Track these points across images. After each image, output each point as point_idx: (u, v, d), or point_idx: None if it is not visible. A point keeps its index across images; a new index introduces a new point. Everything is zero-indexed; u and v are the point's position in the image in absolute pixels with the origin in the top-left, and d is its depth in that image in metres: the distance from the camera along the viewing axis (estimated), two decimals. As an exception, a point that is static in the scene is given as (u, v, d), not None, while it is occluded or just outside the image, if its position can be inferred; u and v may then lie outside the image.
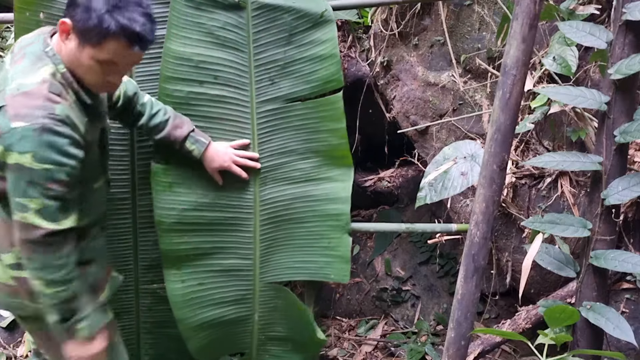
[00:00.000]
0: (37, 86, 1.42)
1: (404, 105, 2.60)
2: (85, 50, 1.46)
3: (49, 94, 1.42)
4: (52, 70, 1.47)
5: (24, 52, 1.50)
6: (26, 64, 1.47)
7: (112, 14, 1.41)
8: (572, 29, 1.68)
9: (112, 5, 1.42)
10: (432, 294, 3.05)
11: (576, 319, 1.43)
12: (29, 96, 1.40)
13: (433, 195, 2.04)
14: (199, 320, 2.15)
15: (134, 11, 1.44)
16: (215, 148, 1.97)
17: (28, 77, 1.44)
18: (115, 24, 1.42)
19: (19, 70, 1.46)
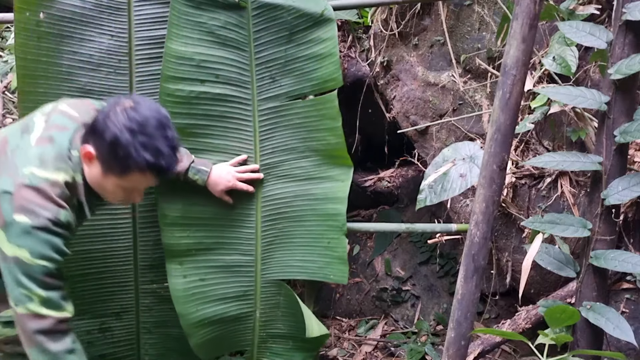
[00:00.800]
0: (48, 186, 1.44)
1: (404, 105, 2.60)
2: (109, 179, 1.51)
3: (57, 199, 1.45)
4: (69, 178, 1.49)
5: (51, 136, 1.50)
6: (49, 155, 1.48)
7: (138, 150, 1.44)
8: (572, 29, 1.68)
9: (140, 143, 1.44)
10: (432, 294, 3.05)
11: (577, 319, 1.43)
12: (38, 194, 1.42)
13: (433, 197, 2.04)
14: (200, 316, 2.15)
15: (161, 144, 1.47)
16: (217, 172, 2.00)
17: (44, 172, 1.45)
18: (142, 160, 1.45)
19: (39, 157, 1.47)
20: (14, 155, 1.48)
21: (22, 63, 1.94)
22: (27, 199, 1.41)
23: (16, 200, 1.41)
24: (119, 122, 1.44)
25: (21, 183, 1.43)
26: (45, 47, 1.96)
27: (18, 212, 1.40)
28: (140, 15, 2.05)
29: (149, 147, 1.45)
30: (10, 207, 1.41)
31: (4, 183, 1.43)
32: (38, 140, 1.50)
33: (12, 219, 1.40)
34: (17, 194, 1.41)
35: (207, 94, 2.05)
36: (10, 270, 1.44)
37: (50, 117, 1.56)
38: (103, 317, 2.18)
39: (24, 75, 1.96)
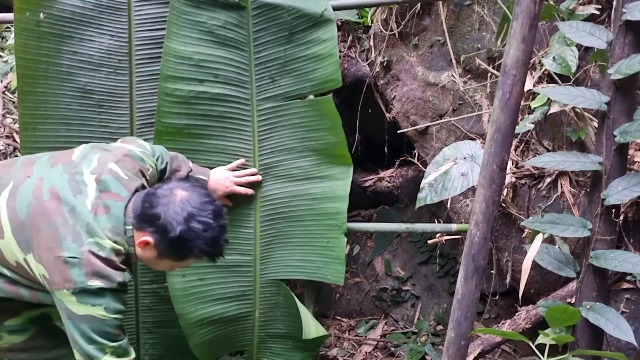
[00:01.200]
0: (112, 255, 1.52)
1: (404, 105, 2.60)
2: (164, 260, 1.62)
3: (122, 266, 1.54)
4: (123, 249, 1.56)
5: (107, 205, 1.55)
6: (106, 226, 1.53)
7: (198, 243, 1.54)
8: (572, 29, 1.68)
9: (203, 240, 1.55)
10: (432, 294, 3.05)
11: (577, 320, 1.43)
12: (106, 262, 1.50)
13: (433, 196, 2.04)
14: (199, 315, 2.15)
15: (218, 235, 1.58)
16: (215, 178, 2.01)
17: (104, 241, 1.51)
18: (202, 251, 1.57)
19: (100, 227, 1.52)
20: (74, 219, 1.51)
21: (22, 63, 1.94)
22: (99, 266, 1.48)
23: (86, 267, 1.47)
24: (178, 216, 1.52)
25: (89, 251, 1.48)
26: (45, 47, 1.96)
27: (91, 278, 1.47)
28: (140, 15, 2.05)
29: (209, 242, 1.56)
30: (81, 272, 1.47)
31: (71, 249, 1.47)
32: (94, 208, 1.53)
33: (86, 283, 1.47)
34: (86, 260, 1.47)
35: (206, 94, 2.04)
36: (78, 328, 1.50)
37: (101, 179, 1.57)
38: (103, 317, 2.18)
39: (24, 75, 1.96)
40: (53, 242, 1.47)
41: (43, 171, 1.59)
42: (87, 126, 2.07)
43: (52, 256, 1.47)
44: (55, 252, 1.47)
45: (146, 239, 1.55)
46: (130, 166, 1.65)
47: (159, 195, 1.55)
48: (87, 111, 2.05)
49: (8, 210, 1.52)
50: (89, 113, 2.05)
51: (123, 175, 1.60)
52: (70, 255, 1.46)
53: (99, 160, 1.61)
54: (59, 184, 1.54)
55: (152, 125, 2.07)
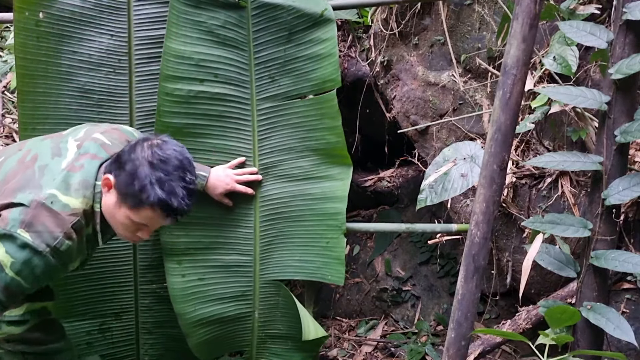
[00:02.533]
0: (66, 214, 1.47)
1: (404, 105, 2.60)
2: (122, 209, 1.54)
3: (69, 229, 1.47)
4: (88, 207, 1.52)
5: (82, 164, 1.54)
6: (75, 180, 1.50)
7: (154, 185, 1.49)
8: (572, 29, 1.68)
9: (156, 178, 1.49)
10: (432, 294, 3.05)
11: (577, 320, 1.43)
12: (53, 219, 1.45)
13: (433, 197, 2.04)
14: (198, 315, 2.15)
15: (177, 185, 1.51)
16: (215, 176, 2.01)
17: (66, 197, 1.47)
18: (154, 196, 1.49)
19: (64, 181, 1.49)
20: (42, 173, 1.51)
21: (22, 63, 1.94)
22: (40, 219, 1.44)
23: (27, 216, 1.43)
24: (142, 155, 1.50)
25: (38, 202, 1.45)
26: (45, 47, 1.95)
27: (23, 227, 1.43)
28: (139, 14, 2.05)
29: (164, 185, 1.50)
30: (18, 217, 1.43)
31: (25, 197, 1.46)
32: (68, 166, 1.53)
33: (15, 229, 1.42)
34: (32, 210, 1.44)
35: (206, 94, 2.04)
36: None
37: (84, 143, 1.59)
38: (103, 318, 2.18)
39: (23, 75, 1.96)
40: (11, 192, 1.47)
41: (33, 144, 1.63)
42: (87, 126, 2.06)
43: (4, 202, 1.46)
44: (8, 199, 1.46)
45: (107, 177, 1.53)
46: (117, 135, 1.67)
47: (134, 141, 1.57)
48: (86, 111, 2.05)
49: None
50: (89, 113, 2.05)
51: (107, 141, 1.62)
52: (19, 201, 1.45)
53: (86, 132, 1.64)
54: (40, 148, 1.58)
55: (152, 125, 2.07)
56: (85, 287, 2.13)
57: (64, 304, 2.11)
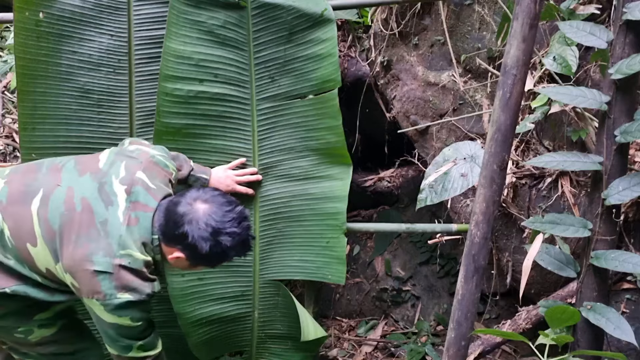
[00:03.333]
0: (142, 267, 1.55)
1: (404, 105, 2.60)
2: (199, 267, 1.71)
3: (152, 277, 1.59)
4: (151, 258, 1.60)
5: (138, 216, 1.57)
6: (136, 236, 1.56)
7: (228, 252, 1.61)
8: (572, 29, 1.68)
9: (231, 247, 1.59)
10: (432, 294, 3.05)
11: (577, 320, 1.43)
12: (137, 275, 1.54)
13: (433, 196, 2.04)
14: (198, 315, 2.15)
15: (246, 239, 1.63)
16: (216, 177, 2.02)
17: (136, 253, 1.54)
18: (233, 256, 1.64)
19: (131, 239, 1.55)
20: (106, 232, 1.53)
21: (22, 63, 1.94)
22: (129, 279, 1.52)
23: (117, 281, 1.51)
24: (204, 233, 1.56)
25: (119, 265, 1.51)
26: (45, 47, 1.95)
27: (122, 291, 1.51)
28: (139, 15, 2.05)
29: (238, 247, 1.61)
30: (111, 285, 1.50)
31: (102, 263, 1.51)
32: (126, 219, 1.56)
33: (117, 296, 1.51)
34: (117, 274, 1.51)
35: (206, 94, 2.04)
36: (106, 331, 1.59)
37: (132, 190, 1.59)
38: (102, 317, 2.18)
39: (23, 75, 1.96)
40: (84, 256, 1.51)
41: (72, 180, 1.61)
42: (87, 126, 2.06)
43: (82, 268, 1.51)
44: (85, 266, 1.50)
45: (178, 255, 1.60)
46: (156, 174, 1.68)
47: (181, 214, 1.58)
48: (86, 111, 2.05)
49: (40, 219, 1.55)
50: (89, 113, 2.05)
51: (151, 184, 1.63)
52: (101, 269, 1.50)
53: (127, 169, 1.63)
54: (90, 195, 1.57)
55: (151, 125, 2.07)
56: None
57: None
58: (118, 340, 1.60)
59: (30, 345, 1.71)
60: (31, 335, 1.68)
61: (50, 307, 1.69)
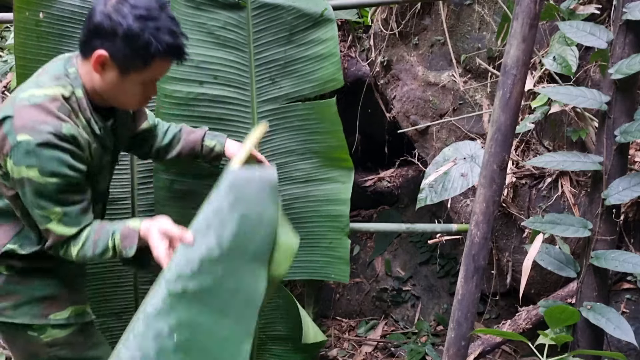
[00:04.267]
0: (47, 101, 1.40)
1: (404, 105, 2.60)
2: (130, 77, 1.46)
3: (57, 113, 1.40)
4: (67, 92, 1.45)
5: (46, 69, 1.50)
6: (43, 79, 1.45)
7: (155, 35, 1.40)
8: (572, 29, 1.68)
9: (154, 27, 1.40)
10: (433, 294, 3.05)
11: (576, 319, 1.43)
12: (37, 109, 1.38)
13: (433, 196, 2.04)
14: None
15: (171, 24, 1.43)
16: (232, 142, 1.90)
17: (41, 90, 1.42)
18: (162, 43, 1.41)
19: (34, 82, 1.45)
20: (11, 98, 1.45)
21: (22, 63, 1.94)
22: (27, 117, 1.37)
23: (17, 121, 1.37)
24: (124, 14, 1.39)
25: (21, 104, 1.39)
26: (45, 47, 1.95)
27: (20, 132, 1.35)
28: (139, 15, 2.04)
29: (163, 30, 1.41)
30: (12, 129, 1.36)
31: (5, 110, 1.40)
32: (32, 77, 1.48)
33: (16, 140, 1.35)
34: (17, 115, 1.38)
35: (206, 96, 2.04)
36: (25, 194, 1.41)
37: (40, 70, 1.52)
38: (103, 317, 2.18)
39: (23, 75, 1.95)
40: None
41: None
42: (87, 126, 2.06)
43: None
44: None
45: (98, 54, 1.41)
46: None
47: (94, 6, 1.43)
48: (86, 111, 2.04)
49: None
50: (89, 113, 2.05)
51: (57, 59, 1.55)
52: (5, 114, 1.39)
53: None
54: None
55: (151, 126, 2.07)
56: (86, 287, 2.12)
57: (64, 304, 2.11)
58: (35, 204, 1.40)
59: (41, 347, 1.64)
60: (44, 334, 1.62)
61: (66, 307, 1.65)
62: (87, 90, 1.49)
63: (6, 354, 2.73)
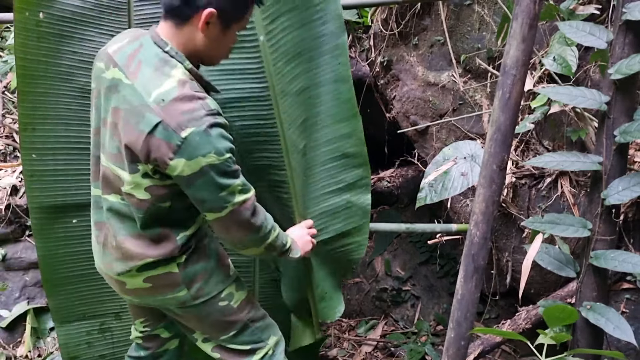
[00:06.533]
0: (179, 90, 1.39)
1: (404, 105, 2.60)
2: (231, 29, 1.49)
3: (195, 93, 1.40)
4: (182, 70, 1.44)
5: (138, 60, 1.45)
6: (150, 72, 1.42)
7: None
8: (572, 29, 1.68)
9: None
10: (432, 294, 3.05)
11: (575, 319, 1.43)
12: (179, 102, 1.37)
13: (433, 195, 2.04)
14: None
15: None
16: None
17: (164, 84, 1.39)
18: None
19: (147, 80, 1.41)
20: (129, 102, 1.42)
21: (22, 63, 1.94)
22: (177, 113, 1.36)
23: (170, 123, 1.36)
24: None
25: (159, 107, 1.37)
26: (45, 47, 1.95)
27: (180, 130, 1.35)
28: (140, 15, 2.05)
29: None
30: (170, 131, 1.35)
31: (149, 121, 1.37)
32: (132, 76, 1.43)
33: (181, 138, 1.35)
34: (165, 117, 1.36)
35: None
36: (205, 182, 1.41)
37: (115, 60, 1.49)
38: (103, 317, 2.18)
39: (23, 75, 1.96)
40: (134, 134, 1.39)
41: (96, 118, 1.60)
42: (87, 126, 2.05)
43: (141, 143, 1.38)
44: (141, 139, 1.38)
45: (208, 12, 1.41)
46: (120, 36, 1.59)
47: None
48: (86, 111, 2.04)
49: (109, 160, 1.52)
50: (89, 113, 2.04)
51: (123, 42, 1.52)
52: (154, 123, 1.37)
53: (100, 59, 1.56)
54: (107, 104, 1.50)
55: (151, 125, 2.07)
56: (85, 287, 2.13)
57: (64, 304, 2.11)
58: (218, 187, 1.41)
59: (235, 313, 1.67)
60: (233, 299, 1.66)
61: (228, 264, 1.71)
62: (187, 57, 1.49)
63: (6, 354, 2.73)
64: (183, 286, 1.59)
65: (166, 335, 1.88)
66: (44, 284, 2.08)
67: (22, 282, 2.88)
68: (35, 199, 2.00)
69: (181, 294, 1.60)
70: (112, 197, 1.55)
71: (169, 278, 1.58)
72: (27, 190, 2.01)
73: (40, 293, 2.85)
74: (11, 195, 2.88)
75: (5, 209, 2.83)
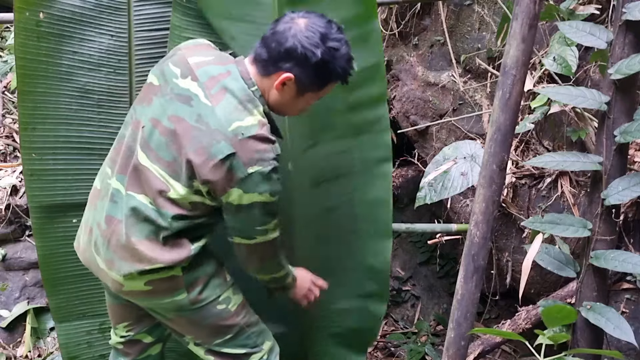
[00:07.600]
0: (258, 129, 1.46)
1: (404, 105, 2.60)
2: (304, 96, 1.56)
3: (269, 137, 1.48)
4: (261, 112, 1.51)
5: (222, 87, 1.49)
6: (234, 103, 1.48)
7: (339, 65, 1.51)
8: (572, 29, 1.68)
9: (338, 57, 1.50)
10: (432, 294, 3.05)
11: (574, 319, 1.43)
12: (256, 141, 1.45)
13: (433, 195, 2.04)
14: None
15: (349, 52, 1.53)
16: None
17: (245, 120, 1.46)
18: (340, 68, 1.51)
19: (230, 110, 1.47)
20: (205, 123, 1.46)
21: (22, 63, 1.94)
22: (251, 150, 1.44)
23: (242, 156, 1.43)
24: (316, 44, 1.46)
25: (237, 140, 1.44)
26: (45, 47, 1.95)
27: (249, 166, 1.44)
28: (140, 15, 2.05)
29: (344, 57, 1.51)
30: (240, 164, 1.44)
31: (223, 149, 1.43)
32: (214, 99, 1.48)
33: (247, 173, 1.44)
34: (239, 150, 1.43)
35: None
36: (249, 215, 1.51)
37: (196, 74, 1.51)
38: (103, 317, 2.18)
39: (23, 75, 1.96)
40: (203, 156, 1.45)
41: (147, 112, 1.56)
42: (87, 126, 2.06)
43: (209, 167, 1.44)
44: (209, 164, 1.44)
45: (286, 76, 1.49)
46: (205, 49, 1.62)
47: (282, 30, 1.49)
48: (86, 111, 2.04)
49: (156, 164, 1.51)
50: (89, 113, 2.05)
51: (210, 58, 1.56)
52: (227, 153, 1.43)
53: (177, 65, 1.56)
54: (170, 109, 1.51)
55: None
56: (85, 287, 2.12)
57: (64, 303, 2.11)
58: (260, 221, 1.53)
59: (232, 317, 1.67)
60: (230, 303, 1.67)
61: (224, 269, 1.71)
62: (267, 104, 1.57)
63: (6, 354, 2.73)
64: (183, 289, 1.58)
65: (149, 340, 1.84)
66: (44, 283, 2.08)
67: (22, 282, 2.88)
68: (35, 199, 2.00)
69: (180, 298, 1.59)
70: (142, 198, 1.53)
71: (171, 281, 1.57)
72: (27, 190, 2.01)
73: (40, 293, 2.85)
74: (11, 195, 2.88)
75: (5, 209, 2.83)
